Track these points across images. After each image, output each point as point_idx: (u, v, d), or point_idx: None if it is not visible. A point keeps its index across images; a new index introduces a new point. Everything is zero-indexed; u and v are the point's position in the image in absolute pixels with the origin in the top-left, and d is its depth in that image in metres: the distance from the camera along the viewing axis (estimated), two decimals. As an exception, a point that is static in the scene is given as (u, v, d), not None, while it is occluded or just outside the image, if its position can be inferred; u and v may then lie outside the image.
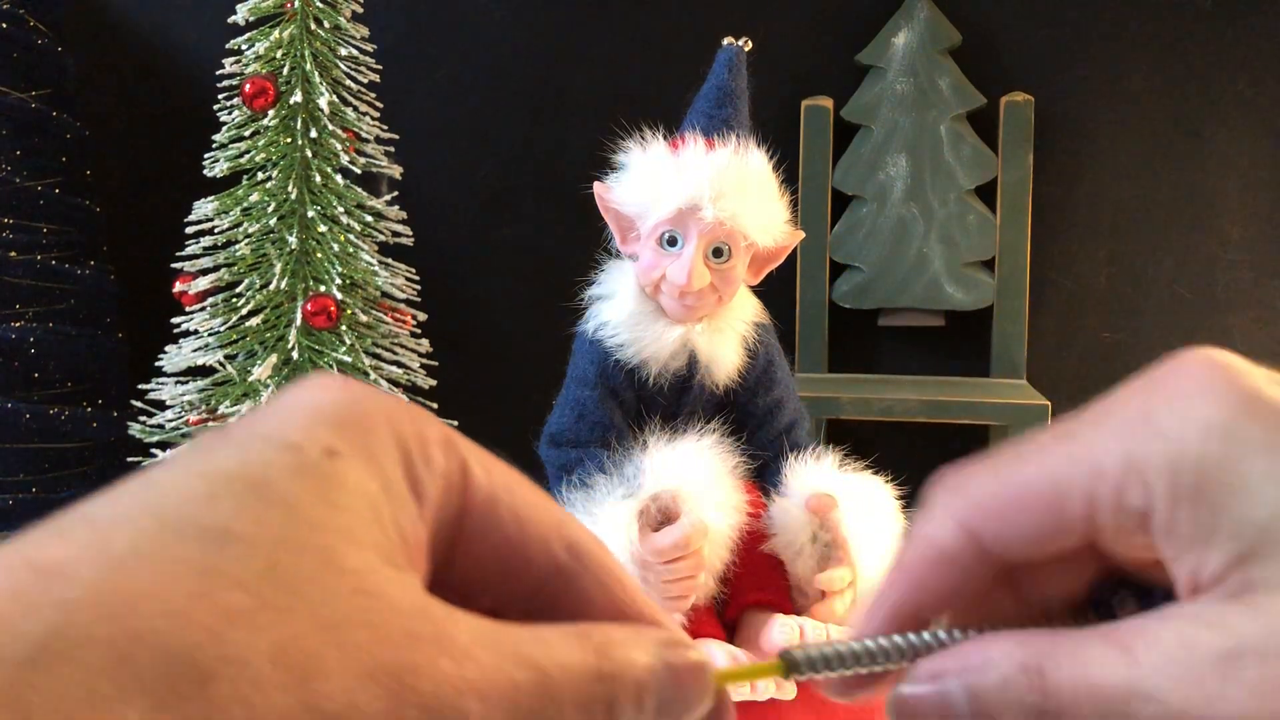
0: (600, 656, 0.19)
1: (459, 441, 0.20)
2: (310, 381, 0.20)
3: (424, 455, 0.20)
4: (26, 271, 1.53)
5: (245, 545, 0.16)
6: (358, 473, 0.18)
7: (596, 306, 0.84)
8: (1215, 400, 0.20)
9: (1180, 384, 0.21)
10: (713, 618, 0.79)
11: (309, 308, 1.40)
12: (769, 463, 0.86)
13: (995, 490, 0.22)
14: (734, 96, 0.83)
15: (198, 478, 0.17)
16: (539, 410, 0.88)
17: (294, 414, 0.19)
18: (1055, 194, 1.78)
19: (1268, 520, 0.19)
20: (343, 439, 0.19)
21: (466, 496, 0.20)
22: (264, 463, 0.18)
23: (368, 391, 0.20)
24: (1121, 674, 0.19)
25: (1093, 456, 0.21)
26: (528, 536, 0.21)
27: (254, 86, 1.41)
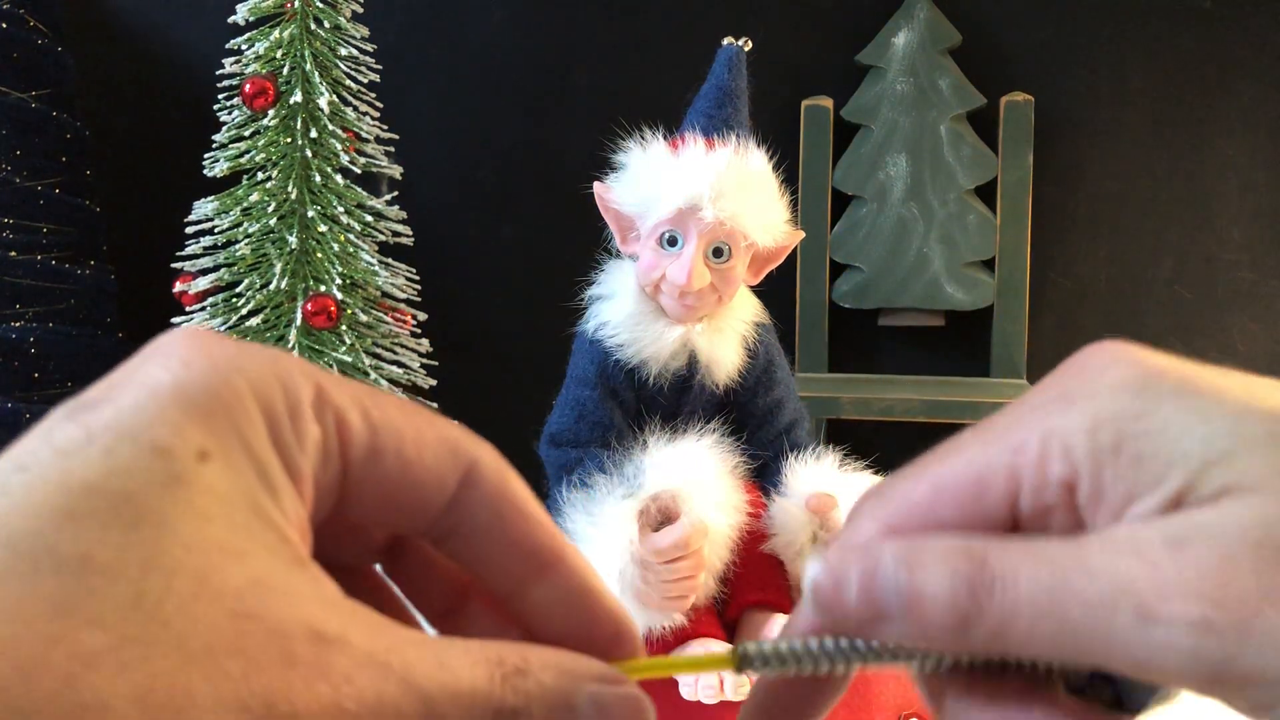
0: (505, 687, 0.19)
1: (332, 392, 0.20)
2: (168, 347, 0.19)
3: (297, 429, 0.19)
4: (26, 271, 1.53)
5: (108, 575, 0.15)
6: (232, 473, 0.17)
7: (596, 306, 0.84)
8: (1124, 368, 0.21)
9: (1090, 363, 0.21)
10: (713, 618, 0.79)
11: (309, 308, 1.40)
12: (769, 463, 0.86)
13: (916, 488, 0.22)
14: (734, 96, 0.83)
15: (56, 491, 0.16)
16: (539, 410, 0.88)
17: (159, 401, 0.18)
18: (1055, 194, 1.78)
19: (1191, 459, 0.19)
20: (212, 433, 0.17)
21: (345, 452, 0.20)
22: (130, 473, 0.16)
23: (230, 355, 0.19)
24: (1066, 552, 0.19)
25: (1011, 438, 0.21)
26: (415, 476, 0.20)
27: (254, 86, 1.41)
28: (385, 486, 0.20)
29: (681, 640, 0.75)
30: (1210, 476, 0.19)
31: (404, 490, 0.20)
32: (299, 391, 0.19)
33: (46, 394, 1.55)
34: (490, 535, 0.21)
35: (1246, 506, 0.18)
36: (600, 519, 0.72)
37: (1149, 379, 0.20)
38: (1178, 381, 0.20)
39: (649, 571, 0.71)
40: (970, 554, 0.20)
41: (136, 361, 0.19)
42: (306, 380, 0.19)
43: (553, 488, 0.83)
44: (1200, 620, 0.17)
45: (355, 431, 0.20)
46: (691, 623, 0.75)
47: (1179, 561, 0.18)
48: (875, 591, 0.20)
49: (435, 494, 0.20)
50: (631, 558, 0.71)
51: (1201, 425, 0.19)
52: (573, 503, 0.75)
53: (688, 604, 0.74)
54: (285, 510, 0.18)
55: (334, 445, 0.19)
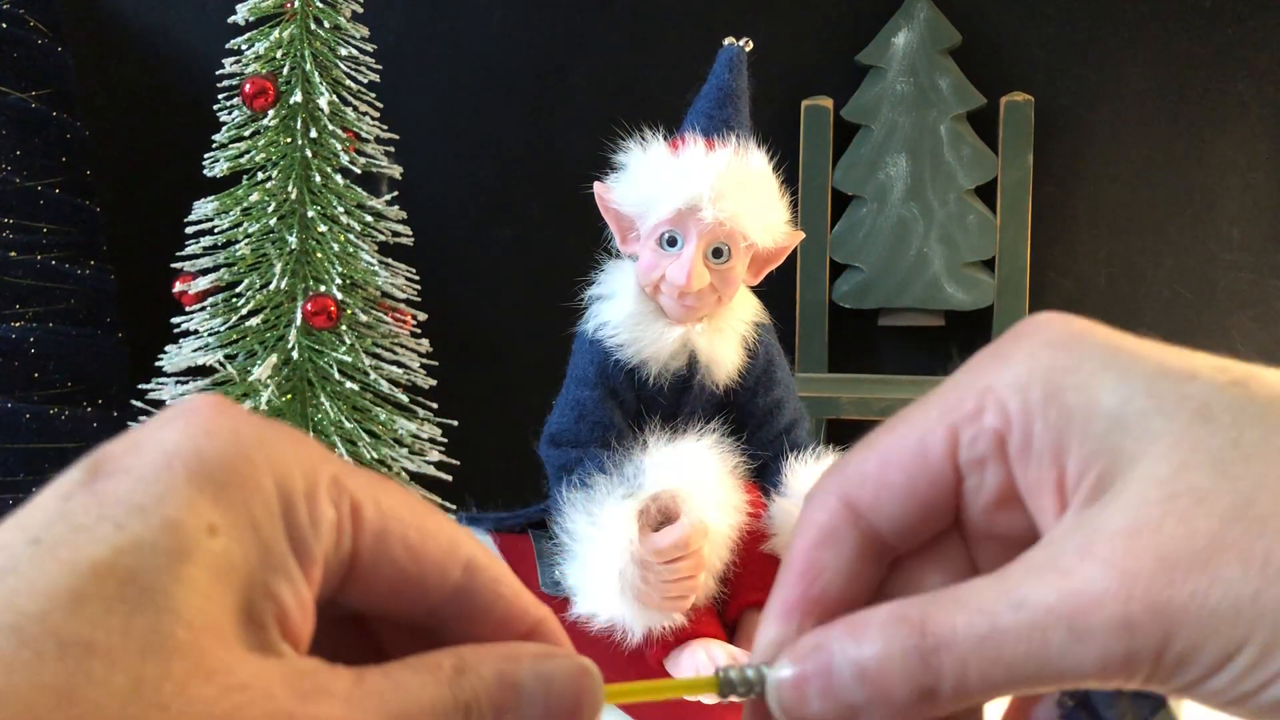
0: (453, 686, 0.20)
1: (348, 479, 0.20)
2: (193, 414, 0.19)
3: (310, 511, 0.19)
4: (26, 271, 1.53)
5: (108, 660, 0.16)
6: (236, 552, 0.18)
7: (596, 306, 0.84)
8: (1057, 331, 0.22)
9: (1025, 329, 0.22)
10: (713, 618, 0.79)
11: (309, 308, 1.40)
12: (769, 463, 0.86)
13: (867, 460, 0.23)
14: (735, 97, 0.83)
15: (65, 571, 0.17)
16: (539, 410, 0.88)
17: (175, 473, 0.18)
18: (1055, 194, 1.78)
19: (1113, 412, 0.20)
20: (222, 509, 0.18)
21: (357, 537, 0.20)
22: (138, 549, 0.17)
23: (251, 430, 0.19)
24: (996, 593, 0.20)
25: (948, 398, 0.22)
26: (422, 565, 0.21)
27: (254, 86, 1.41)
28: (394, 571, 0.21)
29: (681, 640, 0.75)
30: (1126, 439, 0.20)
31: (411, 576, 0.21)
32: (317, 474, 0.20)
33: (46, 394, 1.55)
34: (484, 620, 0.22)
35: (1151, 481, 0.19)
36: (600, 519, 0.72)
37: (1077, 337, 0.22)
38: (1103, 342, 0.21)
39: (649, 571, 0.71)
40: (909, 623, 0.20)
41: (160, 423, 0.19)
42: (325, 464, 0.20)
43: (553, 488, 0.83)
44: (1122, 621, 0.18)
45: (368, 518, 0.20)
46: (691, 623, 0.75)
47: (1091, 566, 0.18)
48: (839, 695, 0.21)
49: (437, 583, 0.21)
50: (631, 558, 0.71)
51: (1123, 382, 0.20)
52: (573, 503, 0.75)
53: (688, 604, 0.74)
54: (283, 594, 0.19)
55: (347, 528, 0.20)
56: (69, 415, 1.55)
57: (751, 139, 0.82)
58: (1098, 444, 0.20)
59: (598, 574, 0.72)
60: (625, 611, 0.72)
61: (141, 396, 1.49)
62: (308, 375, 1.47)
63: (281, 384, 1.45)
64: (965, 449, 0.22)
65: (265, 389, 1.42)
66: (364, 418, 1.49)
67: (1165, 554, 0.18)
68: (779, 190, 0.83)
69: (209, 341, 1.46)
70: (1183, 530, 0.18)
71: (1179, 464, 0.19)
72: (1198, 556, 0.18)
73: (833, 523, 0.23)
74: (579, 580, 0.74)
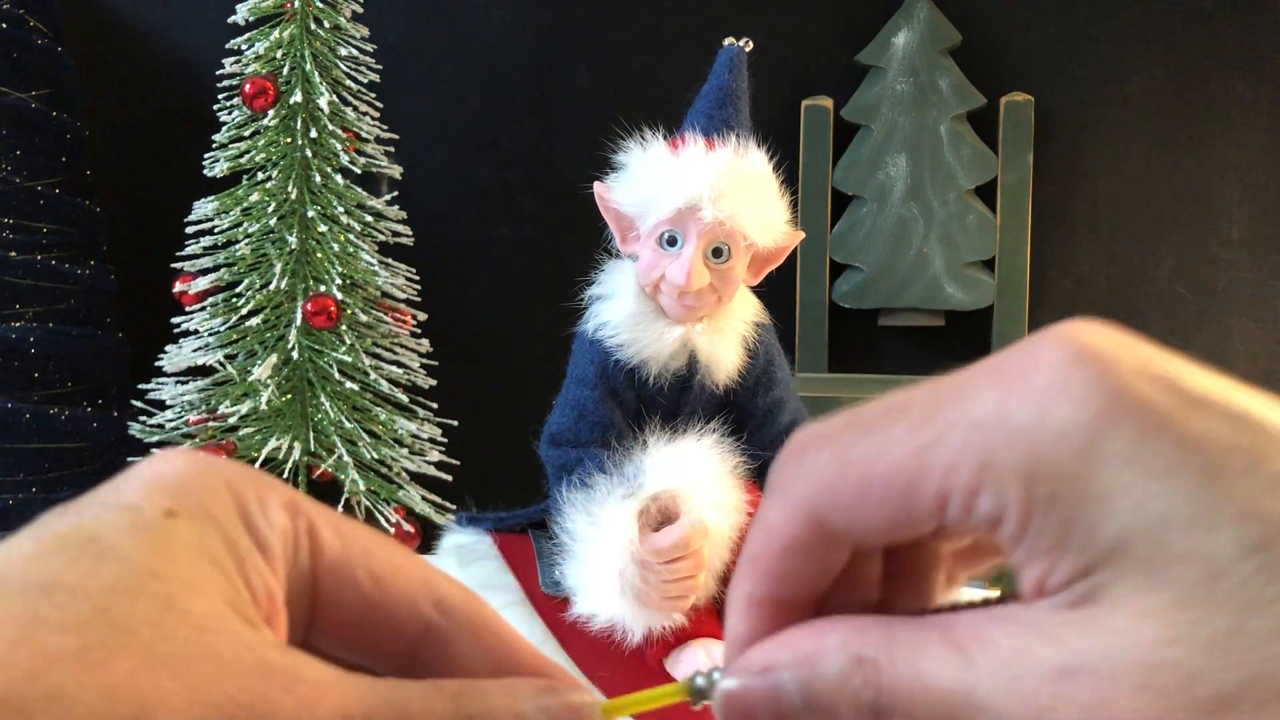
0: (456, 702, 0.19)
1: (305, 505, 0.20)
2: (155, 457, 0.20)
3: (264, 515, 0.19)
4: (26, 271, 1.53)
5: (72, 593, 0.16)
6: (196, 531, 0.18)
7: (596, 306, 0.84)
8: (1077, 400, 0.18)
9: (1040, 376, 0.19)
10: (713, 618, 0.79)
11: (309, 308, 1.40)
12: (769, 463, 0.85)
13: (838, 474, 0.21)
14: (734, 97, 0.83)
15: (29, 540, 0.17)
16: (539, 410, 0.88)
17: (133, 482, 0.19)
18: (1055, 194, 1.78)
19: (1119, 534, 0.18)
20: (180, 502, 0.18)
21: (316, 558, 0.20)
22: (98, 522, 0.17)
23: (211, 462, 0.20)
24: (955, 676, 0.19)
25: (945, 454, 0.19)
26: (389, 597, 0.20)
27: (254, 86, 1.41)
28: (358, 599, 0.20)
29: (681, 640, 0.75)
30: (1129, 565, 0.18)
31: (378, 606, 0.20)
32: (269, 493, 0.20)
33: (46, 394, 1.55)
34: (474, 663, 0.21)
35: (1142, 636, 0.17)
36: (600, 519, 0.73)
37: (1100, 426, 0.18)
38: (1128, 436, 0.18)
39: (649, 571, 0.71)
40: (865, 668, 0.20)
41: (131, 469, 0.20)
42: (280, 488, 0.20)
43: (553, 488, 0.83)
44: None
45: (325, 537, 0.20)
46: (691, 623, 0.75)
47: (1060, 705, 0.17)
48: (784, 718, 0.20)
49: (410, 615, 0.20)
50: (631, 558, 0.71)
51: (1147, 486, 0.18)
52: (573, 503, 0.75)
53: (688, 604, 0.74)
54: (250, 575, 0.19)
55: (304, 540, 0.20)
56: (69, 415, 1.55)
57: (751, 139, 0.82)
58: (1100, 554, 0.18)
59: (598, 574, 0.72)
60: (625, 611, 0.72)
61: (141, 396, 1.49)
62: (308, 375, 1.47)
63: (281, 384, 1.45)
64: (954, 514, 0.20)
65: (265, 389, 1.42)
66: (364, 418, 1.49)
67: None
68: (779, 190, 0.83)
69: (209, 341, 1.46)
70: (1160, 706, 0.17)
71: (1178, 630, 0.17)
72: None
73: (803, 536, 0.22)
74: (579, 580, 0.74)
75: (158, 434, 1.48)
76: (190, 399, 1.47)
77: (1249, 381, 0.19)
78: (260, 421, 1.47)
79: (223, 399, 1.45)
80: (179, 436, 1.48)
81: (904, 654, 0.19)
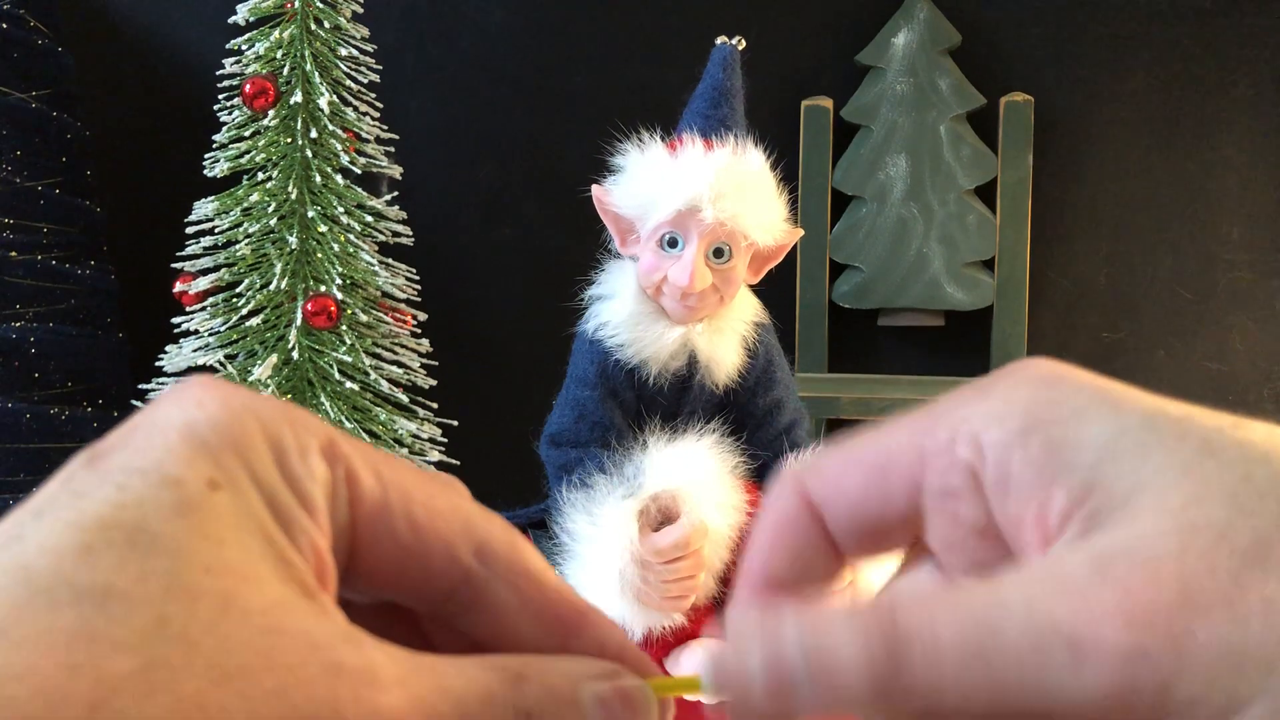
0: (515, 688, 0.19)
1: (343, 444, 0.20)
2: (183, 391, 0.19)
3: (305, 465, 0.19)
4: (26, 271, 1.53)
5: (129, 602, 0.15)
6: (243, 501, 0.17)
7: (596, 306, 0.84)
8: (1043, 371, 0.21)
9: (1008, 370, 0.21)
10: (713, 618, 0.79)
11: (309, 308, 1.40)
12: (769, 463, 0.86)
13: (832, 457, 0.22)
14: (730, 96, 0.83)
15: (70, 529, 0.16)
16: (539, 410, 0.88)
17: (168, 438, 0.18)
18: (1055, 194, 1.78)
19: (1105, 443, 0.19)
20: (221, 465, 0.18)
21: (355, 507, 0.19)
22: (141, 504, 0.16)
23: (242, 398, 0.19)
24: (982, 595, 0.18)
25: (923, 423, 0.21)
26: (427, 543, 0.20)
27: (254, 86, 1.41)
28: (396, 548, 0.20)
29: (681, 640, 0.75)
30: (1122, 471, 0.18)
31: (415, 555, 0.20)
32: (307, 435, 0.19)
33: (46, 394, 1.55)
34: (510, 610, 0.21)
35: (1163, 511, 0.18)
36: (600, 519, 0.73)
37: (1063, 378, 0.21)
38: (1091, 382, 0.20)
39: (649, 571, 0.71)
40: (878, 611, 0.18)
41: (153, 405, 0.19)
42: (318, 428, 0.19)
43: (553, 488, 0.83)
44: (1133, 648, 0.16)
45: (365, 485, 0.19)
46: (691, 623, 0.75)
47: (1103, 586, 0.17)
48: (780, 669, 0.18)
49: (447, 564, 0.20)
50: (631, 558, 0.71)
51: (1114, 416, 0.19)
52: (573, 503, 0.75)
53: (688, 604, 0.74)
54: (297, 539, 0.18)
55: (343, 490, 0.19)
56: (69, 415, 1.55)
57: (748, 137, 0.82)
58: (1089, 474, 0.18)
59: (598, 574, 0.72)
60: (625, 611, 0.72)
61: (141, 396, 1.49)
62: (308, 375, 1.47)
63: (281, 384, 1.45)
64: (934, 478, 0.20)
65: (265, 389, 1.42)
66: (364, 418, 1.49)
67: (1188, 587, 0.16)
68: (777, 188, 0.83)
69: (209, 341, 1.46)
70: (1204, 565, 0.17)
71: (1191, 495, 0.17)
72: (1221, 595, 0.16)
73: (791, 514, 0.22)
74: (579, 580, 0.74)
75: (158, 434, 1.48)
76: (190, 399, 1.47)
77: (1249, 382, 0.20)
78: (260, 421, 1.47)
79: (223, 399, 1.45)
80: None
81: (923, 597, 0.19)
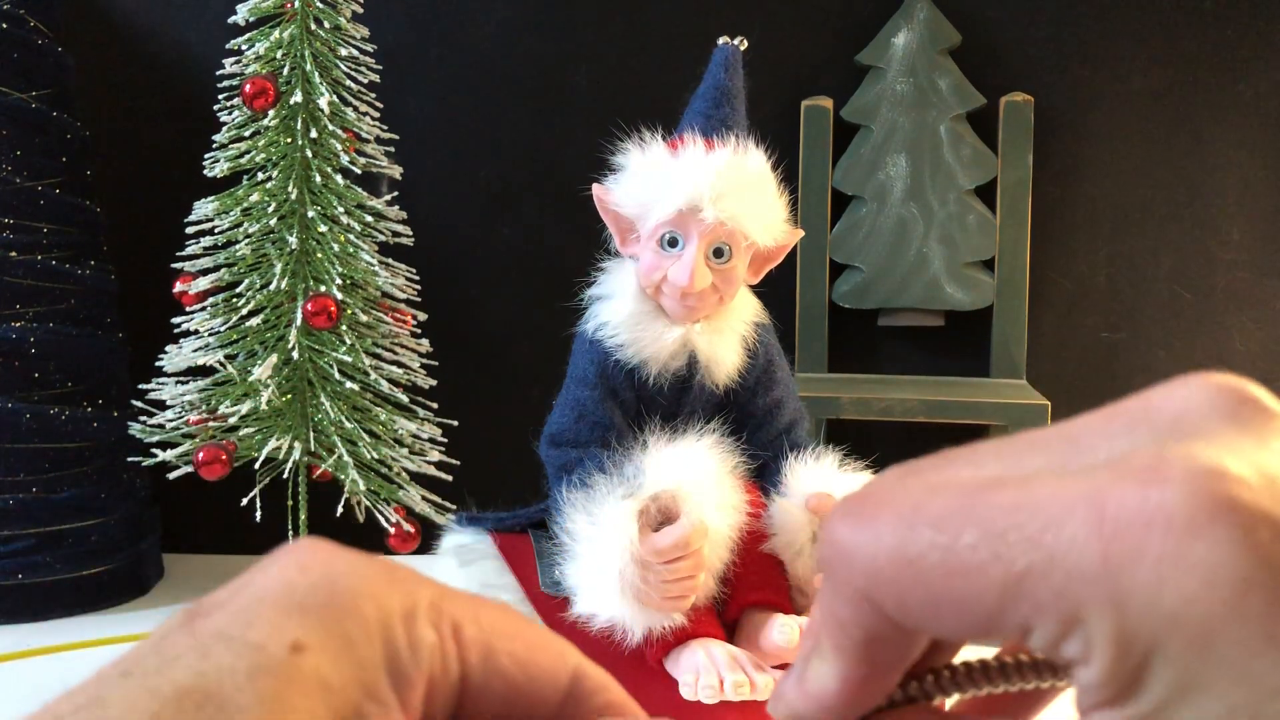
0: None
1: (446, 602, 0.20)
2: (294, 552, 0.19)
3: (409, 635, 0.19)
4: (26, 271, 1.53)
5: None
6: (325, 666, 0.18)
7: (596, 306, 0.84)
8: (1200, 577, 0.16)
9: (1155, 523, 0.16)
10: (713, 617, 0.79)
11: (309, 308, 1.40)
12: (769, 463, 0.86)
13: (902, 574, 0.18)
14: (731, 96, 0.83)
15: (148, 695, 0.17)
16: (539, 410, 0.88)
17: (263, 602, 0.18)
18: (1055, 194, 1.78)
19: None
20: (312, 629, 0.18)
21: (464, 657, 0.20)
22: (219, 671, 0.17)
23: (352, 565, 0.19)
24: None
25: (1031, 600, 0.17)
26: (531, 676, 0.21)
27: (254, 87, 1.41)
28: (504, 685, 0.21)
29: (681, 640, 0.75)
30: None
31: (521, 688, 0.21)
32: (415, 599, 0.20)
33: (46, 394, 1.55)
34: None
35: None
36: (600, 519, 0.72)
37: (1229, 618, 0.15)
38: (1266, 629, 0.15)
39: (649, 571, 0.71)
40: None
41: (259, 567, 0.19)
42: (422, 589, 0.20)
43: (553, 488, 0.83)
44: None
45: (470, 636, 0.20)
46: (691, 622, 0.75)
47: None
48: None
49: (550, 691, 0.21)
50: (631, 558, 0.71)
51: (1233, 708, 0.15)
52: (573, 503, 0.75)
53: (688, 604, 0.74)
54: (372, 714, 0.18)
55: (451, 650, 0.20)
56: (69, 415, 1.55)
57: (749, 137, 0.82)
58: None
59: (598, 574, 0.72)
60: (625, 611, 0.72)
61: (141, 396, 1.49)
62: (308, 375, 1.47)
63: (281, 384, 1.45)
64: (1033, 645, 0.17)
65: (265, 389, 1.42)
66: (364, 418, 1.49)
67: None
68: (778, 188, 0.83)
69: (209, 341, 1.46)
70: None
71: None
72: None
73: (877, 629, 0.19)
74: (579, 580, 0.74)
75: (158, 434, 1.48)
76: (190, 399, 1.47)
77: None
78: (260, 421, 1.47)
79: (223, 399, 1.45)
80: (179, 437, 1.48)
81: None
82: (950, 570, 0.17)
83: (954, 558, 0.17)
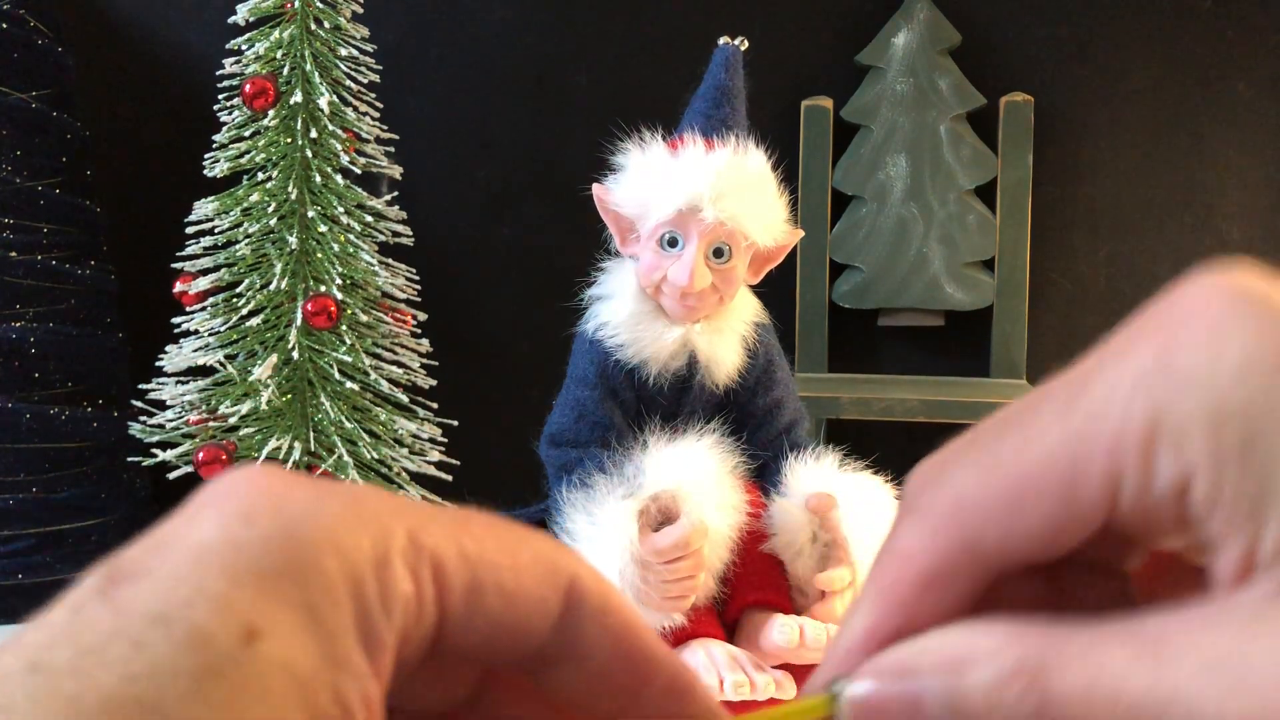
0: None
1: (425, 534, 0.17)
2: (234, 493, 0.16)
3: (382, 588, 0.16)
4: (26, 271, 1.53)
5: None
6: (290, 651, 0.15)
7: (596, 307, 0.84)
8: (1246, 333, 0.16)
9: (1198, 320, 0.17)
10: (713, 618, 0.79)
11: (309, 308, 1.40)
12: (769, 463, 0.86)
13: (984, 485, 0.18)
14: (731, 96, 0.83)
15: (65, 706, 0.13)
16: (539, 410, 0.88)
17: (203, 566, 0.15)
18: (1055, 194, 1.78)
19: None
20: (269, 604, 0.15)
21: (444, 601, 0.18)
22: (158, 672, 0.14)
23: (309, 505, 0.16)
24: (1148, 681, 0.15)
25: (1106, 422, 0.17)
26: (518, 606, 0.18)
27: (254, 87, 1.41)
28: (487, 622, 0.18)
29: (681, 640, 0.75)
30: None
31: (507, 623, 0.18)
32: (389, 539, 0.17)
33: (46, 394, 1.55)
34: (602, 659, 0.19)
35: None
36: (600, 519, 0.72)
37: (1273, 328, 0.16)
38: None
39: (649, 571, 0.71)
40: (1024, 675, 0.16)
41: (189, 512, 0.16)
42: (398, 525, 0.17)
43: (552, 488, 0.83)
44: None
45: (452, 574, 0.18)
46: (691, 623, 0.75)
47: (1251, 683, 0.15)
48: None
49: (539, 620, 0.19)
50: (631, 558, 0.71)
51: None
52: (573, 503, 0.75)
53: (688, 604, 0.74)
54: (347, 691, 0.16)
55: (429, 595, 0.17)
56: (69, 415, 1.55)
57: (749, 137, 0.82)
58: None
59: (598, 574, 0.72)
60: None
61: (142, 396, 1.49)
62: (308, 375, 1.47)
63: (281, 384, 1.45)
64: (1129, 494, 0.17)
65: (265, 389, 1.42)
66: (364, 418, 1.49)
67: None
68: (778, 188, 0.83)
69: (209, 341, 1.46)
70: None
71: None
72: None
73: (948, 563, 0.18)
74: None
75: (158, 434, 1.48)
76: (190, 399, 1.47)
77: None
78: (260, 421, 1.47)
79: (223, 399, 1.45)
80: (179, 437, 1.48)
81: (1078, 659, 0.16)
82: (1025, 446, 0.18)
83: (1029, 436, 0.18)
